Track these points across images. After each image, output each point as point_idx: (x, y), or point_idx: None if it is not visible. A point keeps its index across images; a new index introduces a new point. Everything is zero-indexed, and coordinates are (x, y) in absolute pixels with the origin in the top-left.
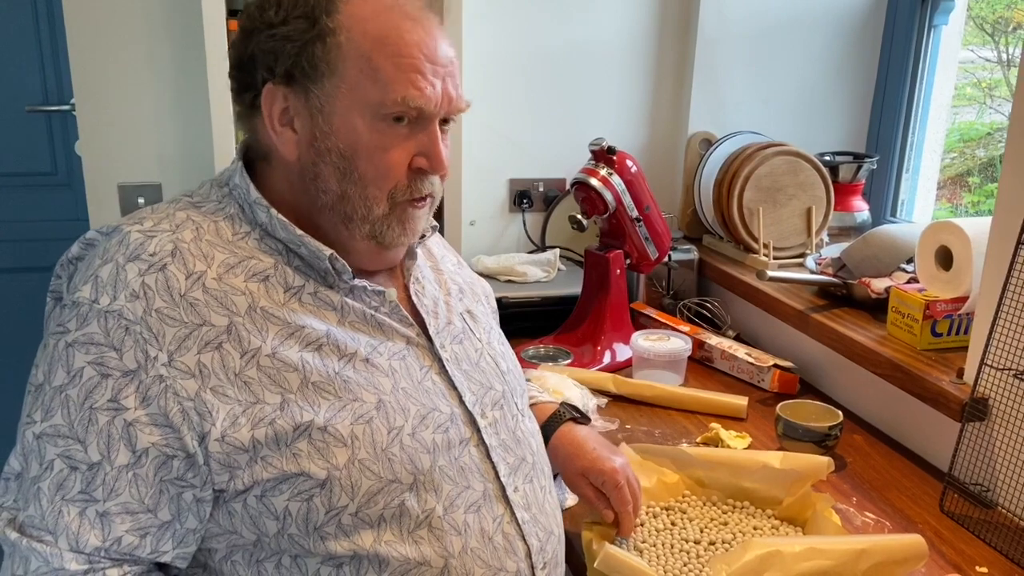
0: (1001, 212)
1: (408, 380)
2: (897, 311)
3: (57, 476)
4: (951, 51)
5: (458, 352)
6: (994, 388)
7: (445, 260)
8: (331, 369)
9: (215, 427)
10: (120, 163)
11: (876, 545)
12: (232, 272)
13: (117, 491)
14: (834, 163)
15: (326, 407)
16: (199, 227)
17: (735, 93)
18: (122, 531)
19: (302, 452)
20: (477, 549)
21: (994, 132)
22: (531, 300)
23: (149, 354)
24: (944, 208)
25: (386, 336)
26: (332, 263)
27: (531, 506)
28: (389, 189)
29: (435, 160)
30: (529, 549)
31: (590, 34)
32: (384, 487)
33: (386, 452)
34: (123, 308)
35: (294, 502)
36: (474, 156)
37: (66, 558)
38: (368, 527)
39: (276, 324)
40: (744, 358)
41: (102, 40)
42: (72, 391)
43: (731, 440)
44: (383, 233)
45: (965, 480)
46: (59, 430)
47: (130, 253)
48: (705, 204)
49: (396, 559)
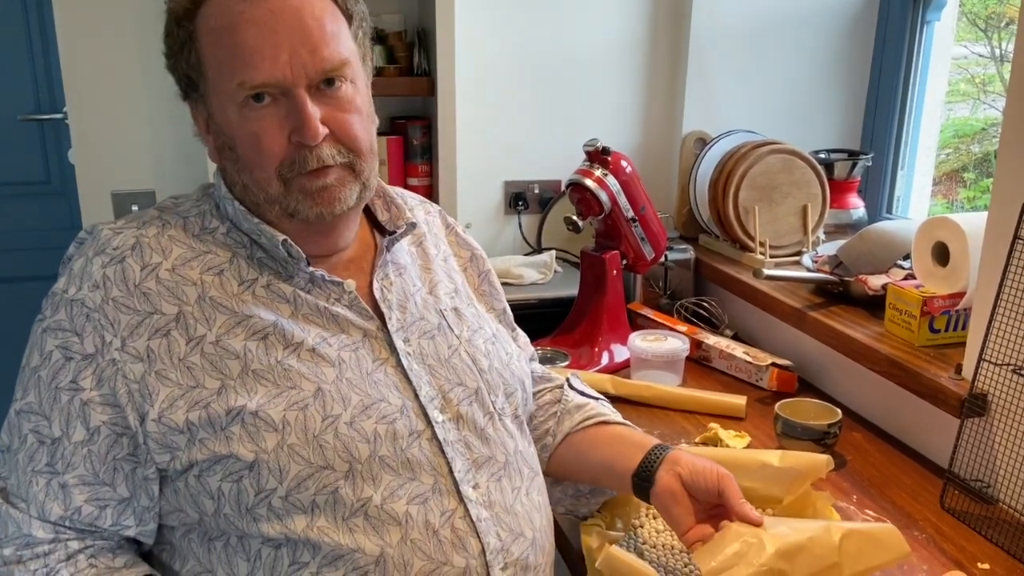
0: (997, 207)
1: (356, 371)
2: (894, 308)
3: (29, 449)
4: (944, 47)
5: (425, 347)
6: (993, 383)
7: (448, 261)
8: (273, 358)
9: (153, 408)
10: (113, 171)
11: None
12: (188, 265)
13: (73, 465)
14: (829, 160)
15: (262, 393)
16: (165, 223)
17: (729, 92)
18: (81, 501)
19: (234, 435)
20: (419, 541)
21: (988, 127)
22: (528, 302)
23: (105, 339)
24: (940, 204)
25: (340, 328)
26: (287, 249)
27: (493, 504)
28: (274, 168)
29: (304, 131)
30: (484, 547)
31: (583, 35)
32: (315, 472)
33: (318, 439)
34: (85, 297)
35: (226, 483)
36: (469, 159)
37: (34, 526)
38: (300, 512)
39: (224, 314)
40: (742, 357)
41: (94, 48)
42: (43, 372)
43: (730, 440)
44: (296, 209)
45: (965, 476)
46: (31, 407)
47: (98, 247)
48: (701, 203)
49: (328, 544)
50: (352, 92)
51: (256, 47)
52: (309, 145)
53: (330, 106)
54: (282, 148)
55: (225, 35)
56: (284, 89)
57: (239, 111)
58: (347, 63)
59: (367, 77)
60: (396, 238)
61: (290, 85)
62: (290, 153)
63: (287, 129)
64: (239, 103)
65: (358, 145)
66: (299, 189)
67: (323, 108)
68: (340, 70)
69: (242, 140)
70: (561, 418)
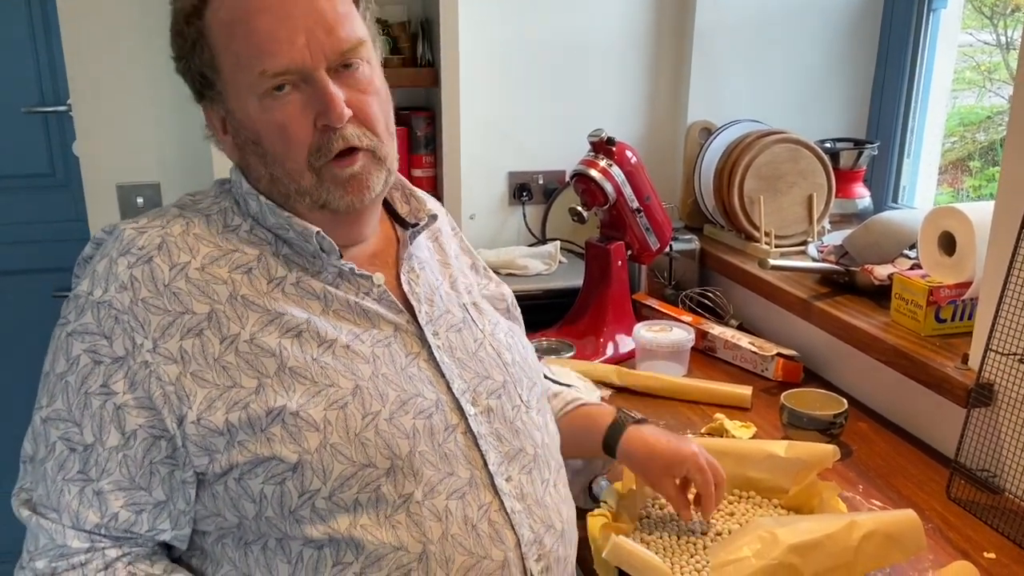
0: (1004, 196)
1: (390, 366)
2: (900, 297)
3: (59, 457)
4: (950, 35)
5: (453, 340)
6: (999, 373)
7: (459, 259)
8: (309, 356)
9: (191, 410)
10: (118, 163)
11: (867, 517)
12: (216, 263)
13: (109, 471)
14: (835, 150)
15: (301, 391)
16: (189, 222)
17: (734, 81)
18: (117, 507)
19: (275, 436)
20: (459, 536)
21: (994, 116)
22: (533, 293)
23: (136, 341)
24: (946, 193)
25: (371, 323)
26: (319, 241)
27: (526, 497)
28: (304, 158)
29: (329, 113)
30: (519, 539)
31: (588, 25)
32: (358, 471)
33: (359, 437)
34: (113, 299)
35: (268, 485)
36: (473, 150)
37: (68, 535)
38: (343, 511)
39: (256, 312)
40: (747, 347)
41: (97, 39)
42: (71, 377)
43: (736, 430)
44: (327, 200)
45: (971, 466)
46: (60, 414)
47: (122, 248)
48: (706, 193)
49: (372, 543)
50: (370, 73)
51: (272, 33)
52: (335, 127)
53: (350, 87)
54: (308, 135)
55: (238, 26)
56: (305, 74)
57: (260, 103)
58: (363, 43)
59: (379, 59)
60: (419, 230)
61: (311, 68)
62: (316, 139)
63: (311, 115)
64: (260, 94)
65: (377, 127)
66: (331, 179)
67: (344, 90)
68: (357, 50)
69: (267, 132)
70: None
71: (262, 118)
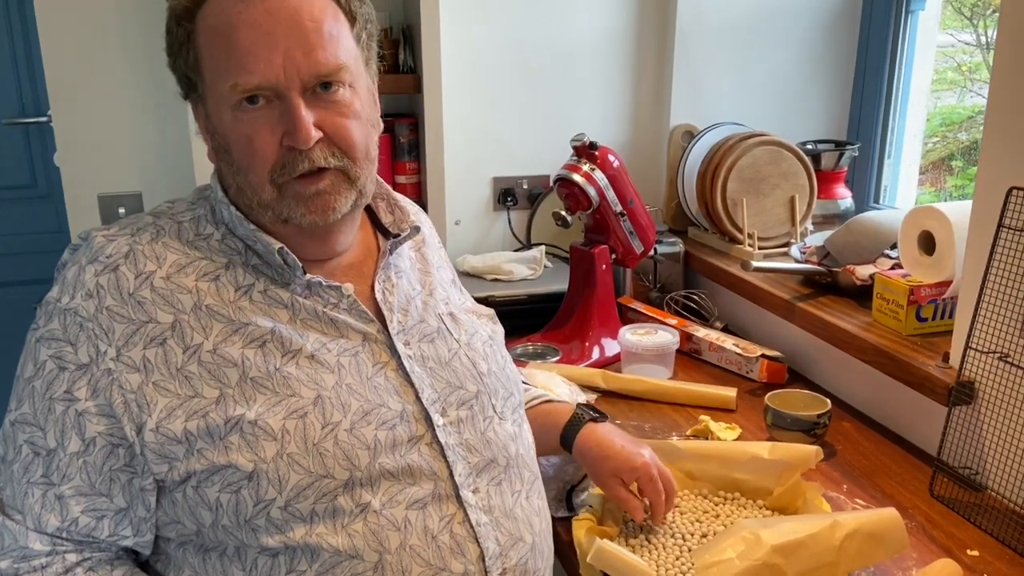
0: (981, 195)
1: (356, 376)
2: (882, 297)
3: (24, 460)
4: (929, 36)
5: (426, 350)
6: (980, 371)
7: (440, 271)
8: (272, 365)
9: (151, 418)
10: (99, 174)
11: (849, 517)
12: (183, 272)
13: (70, 476)
14: (816, 151)
15: (261, 401)
16: (160, 229)
17: (715, 84)
18: (78, 512)
19: (232, 445)
20: (417, 546)
21: (975, 115)
22: (518, 298)
23: (100, 349)
24: (928, 192)
25: (340, 333)
26: (283, 256)
27: (493, 509)
28: (267, 172)
29: (296, 135)
30: (483, 552)
31: (569, 30)
32: (314, 481)
33: (318, 447)
34: (79, 306)
35: (224, 494)
36: (457, 155)
37: (31, 537)
38: (299, 521)
39: (220, 321)
40: (732, 349)
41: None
42: (37, 382)
43: (721, 432)
44: (289, 215)
45: (954, 464)
46: (26, 418)
47: (91, 255)
48: (689, 196)
49: (327, 550)
50: (350, 96)
51: (251, 49)
52: (300, 149)
53: (326, 110)
54: (274, 152)
55: (221, 36)
56: (278, 92)
57: (232, 113)
58: (343, 67)
59: (371, 81)
60: (400, 241)
61: (283, 88)
62: (281, 156)
63: (279, 132)
64: (232, 105)
65: (353, 151)
66: (292, 195)
67: (318, 112)
68: (336, 74)
69: (235, 142)
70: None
71: (233, 128)
